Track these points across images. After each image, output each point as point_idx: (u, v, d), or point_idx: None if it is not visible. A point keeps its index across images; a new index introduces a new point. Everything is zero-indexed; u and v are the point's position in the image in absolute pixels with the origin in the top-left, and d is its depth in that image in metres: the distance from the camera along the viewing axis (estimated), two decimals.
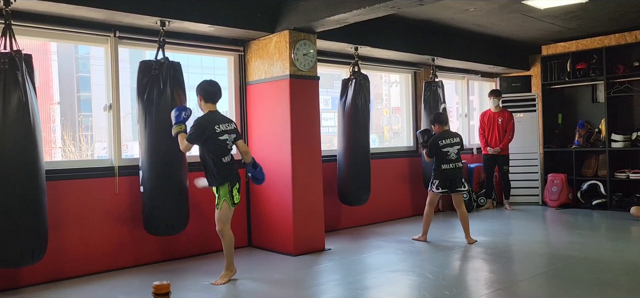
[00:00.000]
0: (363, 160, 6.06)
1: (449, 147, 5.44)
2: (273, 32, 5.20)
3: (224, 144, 4.09)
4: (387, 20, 5.82)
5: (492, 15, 6.22)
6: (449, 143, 5.45)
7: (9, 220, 3.69)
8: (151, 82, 4.50)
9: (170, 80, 4.54)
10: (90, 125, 15.59)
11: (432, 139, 5.52)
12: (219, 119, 4.14)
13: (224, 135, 4.09)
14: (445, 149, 5.42)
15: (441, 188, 5.49)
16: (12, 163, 3.69)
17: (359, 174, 6.03)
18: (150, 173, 4.49)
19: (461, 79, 8.46)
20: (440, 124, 5.60)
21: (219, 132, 4.06)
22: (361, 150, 6.05)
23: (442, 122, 5.61)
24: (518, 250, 5.42)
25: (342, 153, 6.08)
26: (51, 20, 4.32)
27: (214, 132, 4.04)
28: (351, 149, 6.01)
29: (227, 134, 4.11)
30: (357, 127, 6.01)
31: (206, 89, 4.19)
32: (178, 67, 4.64)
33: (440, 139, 5.47)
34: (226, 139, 4.10)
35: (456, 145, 5.49)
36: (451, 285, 4.11)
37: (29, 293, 4.08)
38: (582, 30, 7.28)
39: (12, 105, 3.69)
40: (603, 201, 7.56)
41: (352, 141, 6.00)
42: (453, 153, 5.44)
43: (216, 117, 4.13)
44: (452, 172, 5.46)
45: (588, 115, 8.13)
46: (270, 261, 4.96)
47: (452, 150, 5.44)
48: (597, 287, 3.95)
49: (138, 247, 4.83)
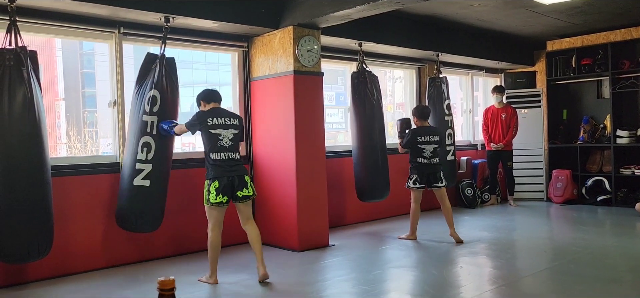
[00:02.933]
0: (382, 155, 6.04)
1: (425, 144, 5.40)
2: (277, 28, 5.20)
3: (216, 138, 3.96)
4: (391, 15, 5.80)
5: (496, 11, 6.20)
6: (426, 140, 5.41)
7: (15, 215, 3.71)
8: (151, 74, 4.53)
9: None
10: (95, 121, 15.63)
11: (411, 132, 5.48)
12: (216, 113, 4.04)
13: (217, 129, 3.97)
14: (421, 146, 5.40)
15: (418, 183, 5.44)
16: (18, 158, 3.72)
17: (379, 170, 6.00)
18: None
19: (465, 74, 8.44)
20: (419, 118, 5.55)
21: (212, 124, 3.96)
22: (379, 146, 6.04)
23: (421, 116, 5.56)
24: (522, 246, 5.41)
25: (359, 149, 6.02)
26: (56, 17, 4.33)
27: (206, 123, 3.96)
28: (369, 144, 5.97)
29: (221, 128, 3.98)
30: (374, 122, 6.01)
31: (203, 93, 4.16)
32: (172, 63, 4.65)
33: (419, 135, 5.42)
34: (219, 133, 3.97)
35: (433, 144, 5.42)
36: (455, 281, 4.11)
37: (35, 288, 4.11)
38: (587, 25, 7.25)
39: (18, 101, 3.71)
40: (608, 197, 7.54)
41: (369, 137, 5.97)
42: (428, 151, 5.40)
43: (213, 111, 4.05)
44: (428, 167, 5.41)
45: (593, 111, 8.11)
46: (274, 257, 4.97)
47: (428, 147, 5.40)
48: (601, 283, 3.94)
49: (143, 242, 4.85)
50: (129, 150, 4.46)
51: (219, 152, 3.97)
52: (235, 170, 4.00)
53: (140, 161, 4.38)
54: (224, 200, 3.96)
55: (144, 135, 4.40)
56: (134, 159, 4.40)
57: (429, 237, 5.68)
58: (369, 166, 5.98)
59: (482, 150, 8.36)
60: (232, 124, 4.06)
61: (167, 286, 1.39)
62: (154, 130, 4.40)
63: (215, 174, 3.95)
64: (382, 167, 6.03)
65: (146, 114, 4.41)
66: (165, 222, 4.77)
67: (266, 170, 5.46)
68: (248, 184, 4.05)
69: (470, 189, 7.71)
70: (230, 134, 4.02)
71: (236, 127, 4.08)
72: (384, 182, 6.08)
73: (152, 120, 4.41)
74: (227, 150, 4.00)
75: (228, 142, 4.01)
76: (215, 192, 3.92)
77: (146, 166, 4.39)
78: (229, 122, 4.05)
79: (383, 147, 6.09)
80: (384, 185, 6.09)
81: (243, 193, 4.01)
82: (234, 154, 4.04)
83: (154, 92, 4.44)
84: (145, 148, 4.39)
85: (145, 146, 4.39)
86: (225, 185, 3.94)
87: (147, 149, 4.39)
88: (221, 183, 3.93)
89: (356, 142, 6.04)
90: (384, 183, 6.09)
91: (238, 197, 4.01)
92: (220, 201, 3.95)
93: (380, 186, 6.06)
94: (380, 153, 6.03)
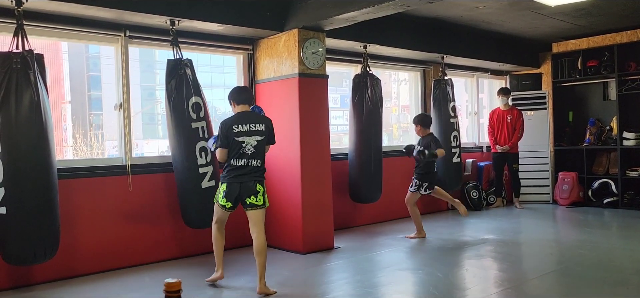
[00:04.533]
0: (376, 158, 6.07)
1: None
2: (282, 31, 5.21)
3: (239, 145, 3.88)
4: (396, 18, 5.80)
5: (502, 13, 6.19)
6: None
7: (22, 218, 3.73)
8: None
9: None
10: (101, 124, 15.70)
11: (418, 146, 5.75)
12: (243, 119, 3.95)
13: (242, 136, 3.88)
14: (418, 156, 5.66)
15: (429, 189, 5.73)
16: (25, 161, 3.74)
17: (371, 173, 6.05)
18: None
19: (470, 76, 8.43)
20: (422, 126, 5.81)
21: (236, 132, 3.90)
22: (374, 149, 6.07)
23: (423, 124, 5.83)
24: (528, 249, 5.39)
25: (353, 152, 6.09)
26: (62, 20, 4.36)
27: (231, 131, 3.91)
28: (363, 147, 6.02)
29: (245, 136, 3.89)
30: (370, 125, 6.03)
31: (233, 93, 4.10)
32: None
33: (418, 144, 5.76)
34: (242, 140, 3.88)
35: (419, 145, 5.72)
36: (460, 284, 4.10)
37: (42, 290, 4.13)
38: (593, 27, 7.22)
39: (25, 104, 3.73)
40: (614, 199, 7.50)
41: (364, 139, 6.01)
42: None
43: (239, 117, 3.98)
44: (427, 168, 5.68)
45: (599, 113, 8.07)
46: (279, 259, 4.97)
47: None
48: (607, 286, 3.92)
49: (149, 244, 4.87)
50: (184, 157, 4.69)
51: (240, 159, 3.90)
52: (249, 177, 3.92)
53: (202, 165, 4.70)
54: (228, 204, 3.96)
55: (199, 140, 4.69)
56: (196, 164, 4.68)
57: (437, 236, 5.66)
58: (361, 168, 6.02)
59: (487, 152, 8.34)
60: (257, 130, 3.95)
61: (174, 288, 1.40)
62: (206, 134, 4.71)
63: (227, 178, 3.94)
64: (374, 170, 6.05)
65: (194, 121, 4.68)
66: (175, 224, 4.87)
67: (271, 172, 5.45)
68: (259, 193, 3.94)
69: (476, 191, 7.69)
70: (254, 141, 3.93)
71: (261, 133, 3.97)
72: (376, 185, 6.11)
73: (201, 125, 4.71)
74: (248, 157, 3.92)
75: (251, 149, 3.92)
76: (223, 194, 3.95)
77: (208, 168, 4.73)
78: (254, 128, 3.94)
79: (378, 150, 6.10)
80: (375, 188, 6.11)
81: (251, 201, 3.92)
82: (255, 161, 3.95)
83: (195, 99, 4.71)
84: (203, 152, 4.71)
85: (203, 151, 4.71)
86: (232, 191, 3.92)
87: (205, 153, 4.72)
88: (229, 188, 3.92)
89: (351, 144, 6.12)
90: (376, 187, 6.11)
91: (246, 204, 3.96)
92: (225, 205, 3.97)
93: (372, 189, 6.09)
94: (374, 156, 6.05)
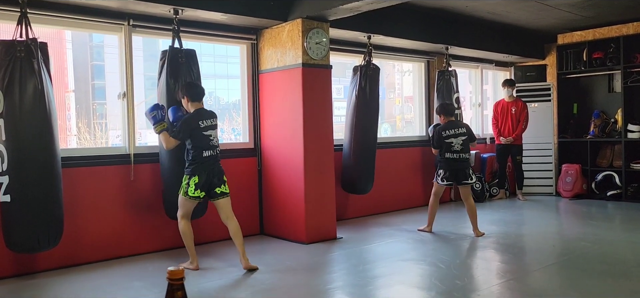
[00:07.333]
0: (369, 150, 6.05)
1: (453, 137, 5.35)
2: (286, 21, 5.19)
3: (207, 138, 4.15)
4: (401, 8, 5.77)
5: (507, 4, 6.15)
6: (453, 134, 5.36)
7: (26, 206, 3.75)
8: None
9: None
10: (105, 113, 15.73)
11: (436, 129, 5.46)
12: (204, 115, 4.21)
13: (208, 130, 4.17)
14: (449, 140, 5.34)
15: (446, 180, 5.39)
16: (29, 150, 3.75)
17: (364, 164, 6.03)
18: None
19: (475, 68, 8.39)
20: (445, 115, 5.51)
21: (203, 127, 4.16)
22: (369, 140, 6.05)
23: (447, 113, 5.53)
24: (530, 241, 5.39)
25: (347, 142, 6.09)
26: (66, 9, 4.35)
27: (198, 127, 4.14)
28: (357, 137, 6.00)
29: (211, 129, 4.19)
30: (366, 116, 6.01)
31: (191, 91, 4.27)
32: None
33: (443, 129, 5.39)
34: (209, 134, 4.18)
35: (461, 136, 5.37)
36: (462, 275, 4.11)
37: (45, 278, 4.15)
38: (599, 18, 7.17)
39: (28, 92, 3.74)
40: (618, 192, 7.48)
41: (359, 129, 6.00)
42: (457, 145, 5.34)
43: (201, 114, 4.21)
44: (456, 163, 5.35)
45: (604, 105, 8.03)
46: (282, 249, 4.99)
47: (456, 140, 5.34)
48: (610, 278, 3.92)
49: (153, 233, 4.89)
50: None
51: (207, 150, 4.16)
52: (216, 167, 4.21)
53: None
54: (201, 195, 4.14)
55: None
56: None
57: (440, 228, 5.67)
58: (354, 159, 5.99)
59: (491, 144, 8.32)
60: (216, 124, 4.28)
61: (177, 276, 1.40)
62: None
63: (197, 170, 4.12)
64: (366, 162, 6.03)
65: None
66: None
67: (274, 163, 5.47)
68: (226, 182, 4.25)
69: (479, 183, 7.69)
70: (216, 133, 4.28)
71: (216, 126, 4.29)
72: (367, 176, 6.07)
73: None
74: (214, 148, 4.22)
75: (216, 141, 4.25)
76: (194, 186, 4.10)
77: None
78: (214, 122, 4.25)
79: (372, 141, 6.07)
80: (366, 180, 6.07)
81: (221, 190, 4.20)
82: (218, 150, 4.26)
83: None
84: None
85: None
86: (204, 182, 4.12)
87: None
88: (201, 179, 4.11)
89: (346, 134, 6.11)
90: (366, 178, 6.07)
91: (216, 194, 4.19)
92: (198, 195, 4.13)
93: (363, 180, 6.05)
94: (368, 147, 6.02)
